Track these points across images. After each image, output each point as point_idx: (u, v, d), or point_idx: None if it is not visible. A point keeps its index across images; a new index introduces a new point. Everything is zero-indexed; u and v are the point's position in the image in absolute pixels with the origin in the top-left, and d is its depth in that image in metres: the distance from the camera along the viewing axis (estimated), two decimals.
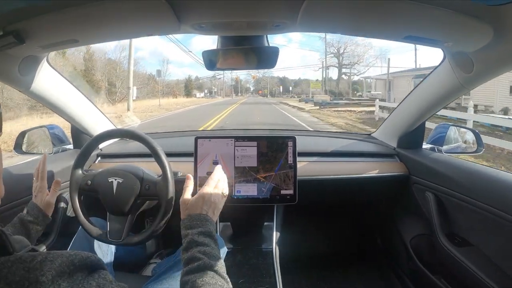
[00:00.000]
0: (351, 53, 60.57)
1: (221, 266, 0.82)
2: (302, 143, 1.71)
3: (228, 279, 0.81)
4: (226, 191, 1.05)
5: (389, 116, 1.97)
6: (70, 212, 1.59)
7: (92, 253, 0.68)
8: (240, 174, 1.55)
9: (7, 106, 18.28)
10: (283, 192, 1.55)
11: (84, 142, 1.63)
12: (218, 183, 1.04)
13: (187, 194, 1.02)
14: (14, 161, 3.02)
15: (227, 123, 15.55)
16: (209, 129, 12.48)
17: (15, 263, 0.56)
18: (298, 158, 1.57)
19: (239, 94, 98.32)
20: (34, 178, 1.24)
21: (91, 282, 0.61)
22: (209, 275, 0.77)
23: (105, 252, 1.34)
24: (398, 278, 1.94)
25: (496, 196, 1.21)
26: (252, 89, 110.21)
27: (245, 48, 1.17)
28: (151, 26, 1.05)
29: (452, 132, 1.77)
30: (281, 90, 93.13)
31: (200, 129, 11.72)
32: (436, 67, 1.41)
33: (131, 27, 1.05)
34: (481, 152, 1.66)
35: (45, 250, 1.09)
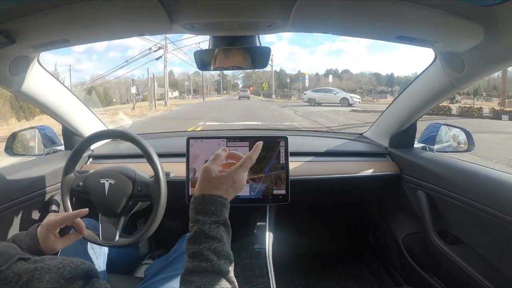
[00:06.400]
0: None
1: (230, 268, 0.74)
2: (294, 143, 1.72)
3: (236, 284, 0.73)
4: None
5: (380, 115, 1.98)
6: None
7: (84, 258, 0.66)
8: None
9: None
10: (275, 192, 1.55)
11: (75, 143, 1.62)
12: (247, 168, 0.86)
13: (215, 164, 0.83)
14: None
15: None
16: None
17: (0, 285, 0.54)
18: (290, 158, 1.57)
19: (224, 92, 77.97)
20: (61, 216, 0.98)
21: None
22: (216, 281, 0.68)
23: (98, 253, 1.32)
24: (391, 277, 1.95)
25: (487, 194, 1.22)
26: (240, 85, 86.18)
27: (237, 48, 1.17)
28: (142, 26, 1.04)
29: (443, 131, 1.79)
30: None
31: None
32: (427, 67, 1.42)
33: (122, 27, 1.05)
34: (472, 151, 1.68)
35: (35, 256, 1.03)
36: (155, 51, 31.54)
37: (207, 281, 0.67)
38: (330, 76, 57.14)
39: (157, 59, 32.95)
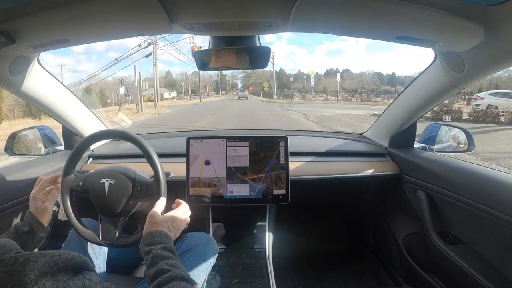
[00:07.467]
0: None
1: (187, 274, 0.83)
2: (294, 143, 1.72)
3: (198, 285, 0.83)
4: (187, 221, 1.11)
5: (380, 115, 1.98)
6: (61, 215, 1.57)
7: (80, 254, 0.67)
8: (232, 174, 1.55)
9: None
10: (275, 192, 1.56)
11: (75, 143, 1.62)
12: (185, 212, 1.11)
13: (158, 209, 1.07)
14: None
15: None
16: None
17: None
18: (290, 158, 1.57)
19: (222, 92, 77.62)
20: (36, 185, 1.17)
21: (76, 281, 0.60)
22: (182, 284, 0.76)
23: (98, 253, 1.32)
24: (391, 277, 1.95)
25: (487, 194, 1.22)
26: (240, 85, 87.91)
27: (237, 48, 1.17)
28: (142, 26, 1.05)
29: (443, 131, 1.78)
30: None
31: None
32: (427, 67, 1.42)
33: (122, 27, 1.04)
34: (472, 151, 1.68)
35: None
36: (144, 48, 29.01)
37: (176, 286, 0.75)
38: (338, 75, 51.22)
39: (147, 56, 29.95)
